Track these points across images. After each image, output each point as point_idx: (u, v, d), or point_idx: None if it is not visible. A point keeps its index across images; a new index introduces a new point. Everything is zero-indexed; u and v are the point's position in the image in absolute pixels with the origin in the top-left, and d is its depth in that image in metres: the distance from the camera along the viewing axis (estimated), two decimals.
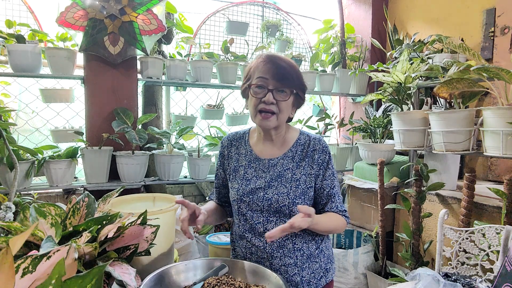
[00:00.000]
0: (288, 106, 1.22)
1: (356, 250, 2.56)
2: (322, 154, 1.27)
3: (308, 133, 1.34)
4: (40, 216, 0.97)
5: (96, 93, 2.34)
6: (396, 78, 2.39)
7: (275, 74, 1.17)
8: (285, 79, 1.18)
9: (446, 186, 2.27)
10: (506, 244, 1.42)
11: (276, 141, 1.29)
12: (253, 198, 1.25)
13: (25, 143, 2.41)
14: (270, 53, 1.23)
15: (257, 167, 1.28)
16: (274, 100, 1.18)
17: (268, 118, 1.20)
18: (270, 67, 1.18)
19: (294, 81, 1.20)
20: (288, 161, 1.26)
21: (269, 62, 1.18)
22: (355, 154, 3.23)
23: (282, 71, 1.18)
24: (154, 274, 1.06)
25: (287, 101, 1.20)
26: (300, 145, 1.29)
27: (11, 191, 1.83)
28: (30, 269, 0.60)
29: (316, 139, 1.29)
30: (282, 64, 1.18)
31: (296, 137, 1.31)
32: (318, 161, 1.26)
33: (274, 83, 1.18)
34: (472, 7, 2.84)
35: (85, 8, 2.19)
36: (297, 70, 1.22)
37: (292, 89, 1.20)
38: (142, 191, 2.45)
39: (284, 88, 1.19)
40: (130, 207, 1.44)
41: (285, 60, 1.21)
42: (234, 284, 1.08)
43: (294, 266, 1.24)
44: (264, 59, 1.20)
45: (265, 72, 1.18)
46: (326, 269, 1.31)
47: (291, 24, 3.59)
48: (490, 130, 1.83)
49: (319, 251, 1.30)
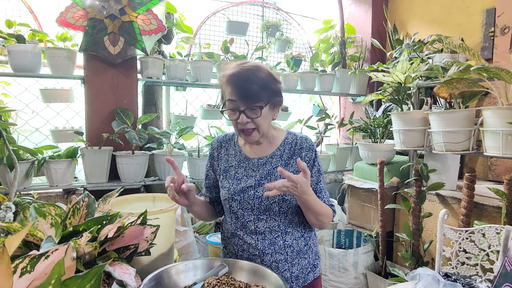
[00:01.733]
0: (266, 116, 1.23)
1: (356, 250, 2.56)
2: (309, 152, 1.31)
3: (294, 132, 1.38)
4: (40, 216, 0.97)
5: (96, 93, 2.34)
6: (396, 78, 2.39)
7: (241, 96, 1.17)
8: (252, 97, 1.17)
9: (446, 186, 2.26)
10: (506, 244, 1.42)
11: (264, 143, 1.33)
12: (244, 197, 1.28)
13: (25, 143, 2.41)
14: (232, 71, 1.20)
15: (247, 167, 1.32)
16: (249, 119, 1.19)
17: (250, 134, 1.23)
18: (234, 89, 1.18)
19: (261, 94, 1.18)
20: (276, 160, 1.30)
21: (231, 83, 1.18)
22: (355, 154, 3.23)
23: (247, 92, 1.17)
24: (154, 274, 1.06)
25: (261, 115, 1.20)
26: (287, 144, 1.33)
27: (11, 191, 1.83)
28: (28, 269, 0.60)
29: (303, 138, 1.34)
30: (244, 84, 1.17)
31: (284, 137, 1.35)
32: (305, 159, 1.30)
33: (243, 104, 1.18)
34: (472, 7, 2.84)
35: (85, 8, 2.19)
36: (264, 79, 1.20)
37: (262, 104, 1.19)
38: (142, 191, 2.45)
39: (254, 105, 1.18)
40: (130, 207, 1.44)
41: (249, 76, 1.18)
42: (234, 284, 1.08)
43: (284, 262, 1.28)
44: (227, 81, 1.20)
45: (232, 95, 1.19)
46: (314, 264, 1.36)
47: (291, 24, 3.59)
48: (490, 130, 1.83)
49: (308, 248, 1.34)
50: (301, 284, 1.32)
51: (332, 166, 3.19)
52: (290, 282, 1.30)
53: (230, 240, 1.35)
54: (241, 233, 1.30)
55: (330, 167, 3.19)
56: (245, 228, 1.29)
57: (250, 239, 1.28)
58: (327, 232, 2.93)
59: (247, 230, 1.29)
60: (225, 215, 1.41)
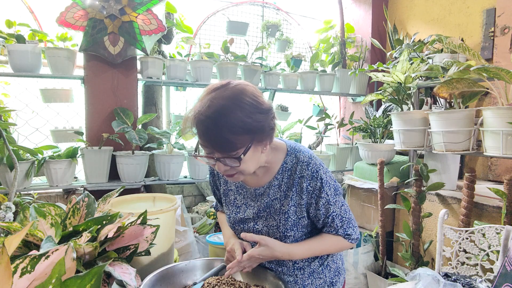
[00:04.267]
0: (251, 159, 1.02)
1: (356, 250, 2.56)
2: (312, 181, 1.10)
3: (296, 151, 1.15)
4: (40, 216, 0.97)
5: (96, 93, 2.34)
6: (396, 78, 2.39)
7: (213, 145, 0.97)
8: (226, 147, 0.96)
9: (446, 186, 2.26)
10: (506, 244, 1.42)
11: (258, 171, 1.14)
12: (244, 228, 1.21)
13: (25, 143, 2.41)
14: (196, 117, 0.96)
15: (245, 195, 1.22)
16: (227, 166, 1.00)
17: (233, 176, 1.05)
18: (203, 136, 0.97)
19: (238, 142, 0.96)
20: (275, 190, 1.15)
21: (199, 130, 0.97)
22: (355, 154, 3.23)
23: (218, 142, 0.96)
24: (154, 274, 1.06)
25: (243, 161, 0.99)
26: (286, 171, 1.14)
27: (11, 191, 1.83)
28: (28, 269, 0.60)
29: (304, 163, 1.11)
30: (213, 134, 0.95)
31: (282, 160, 1.15)
32: (307, 190, 1.11)
33: (217, 153, 0.98)
34: (472, 7, 2.84)
35: (85, 8, 2.19)
36: (238, 121, 0.94)
37: (242, 150, 0.97)
38: (142, 191, 2.45)
39: (231, 155, 0.97)
40: (130, 207, 1.44)
41: (214, 124, 0.94)
42: (234, 284, 1.08)
43: (294, 283, 1.19)
44: (193, 126, 0.99)
45: (203, 141, 0.98)
46: (331, 282, 1.23)
47: (291, 24, 3.59)
48: (490, 130, 1.83)
49: (324, 267, 1.22)
50: None
51: (332, 166, 3.19)
52: None
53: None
54: None
55: (330, 167, 3.19)
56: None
57: None
58: None
59: None
60: None
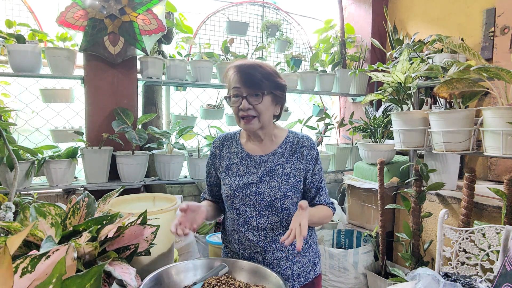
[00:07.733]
0: (267, 106, 1.28)
1: (356, 250, 2.56)
2: (311, 150, 1.35)
3: (296, 132, 1.42)
4: (40, 216, 0.97)
5: (96, 93, 2.34)
6: (396, 78, 2.39)
7: (245, 82, 1.25)
8: (255, 84, 1.25)
9: (446, 186, 2.27)
10: (506, 244, 1.42)
11: (265, 140, 1.36)
12: (246, 193, 1.30)
13: (25, 143, 2.40)
14: (239, 62, 1.29)
15: (249, 164, 1.35)
16: (250, 105, 1.25)
17: (249, 121, 1.27)
18: (241, 77, 1.25)
19: (264, 83, 1.25)
20: (278, 157, 1.34)
21: (238, 72, 1.26)
22: (355, 154, 3.23)
23: (252, 78, 1.24)
24: (154, 274, 1.06)
25: (262, 102, 1.26)
26: (289, 142, 1.37)
27: (11, 191, 1.83)
28: (29, 268, 0.60)
29: (304, 136, 1.38)
30: (250, 71, 1.25)
31: (285, 136, 1.39)
32: (307, 157, 1.34)
33: (247, 90, 1.25)
34: (472, 7, 2.84)
35: (85, 8, 2.19)
36: (268, 71, 1.28)
37: (264, 91, 1.26)
38: (142, 191, 2.45)
39: (257, 92, 1.25)
40: (130, 207, 1.44)
41: (254, 66, 1.27)
42: (234, 284, 1.08)
43: (286, 260, 1.31)
44: (234, 70, 1.28)
45: (237, 82, 1.26)
46: (314, 263, 1.39)
47: (291, 24, 3.59)
48: (490, 130, 1.83)
49: (308, 246, 1.38)
50: (303, 282, 1.34)
51: (332, 166, 3.19)
52: (291, 280, 1.31)
53: (231, 238, 1.37)
54: (243, 229, 1.31)
55: (330, 167, 3.19)
56: (247, 224, 1.31)
57: (252, 236, 1.30)
58: (327, 232, 2.93)
59: (249, 226, 1.30)
60: (226, 213, 1.42)
